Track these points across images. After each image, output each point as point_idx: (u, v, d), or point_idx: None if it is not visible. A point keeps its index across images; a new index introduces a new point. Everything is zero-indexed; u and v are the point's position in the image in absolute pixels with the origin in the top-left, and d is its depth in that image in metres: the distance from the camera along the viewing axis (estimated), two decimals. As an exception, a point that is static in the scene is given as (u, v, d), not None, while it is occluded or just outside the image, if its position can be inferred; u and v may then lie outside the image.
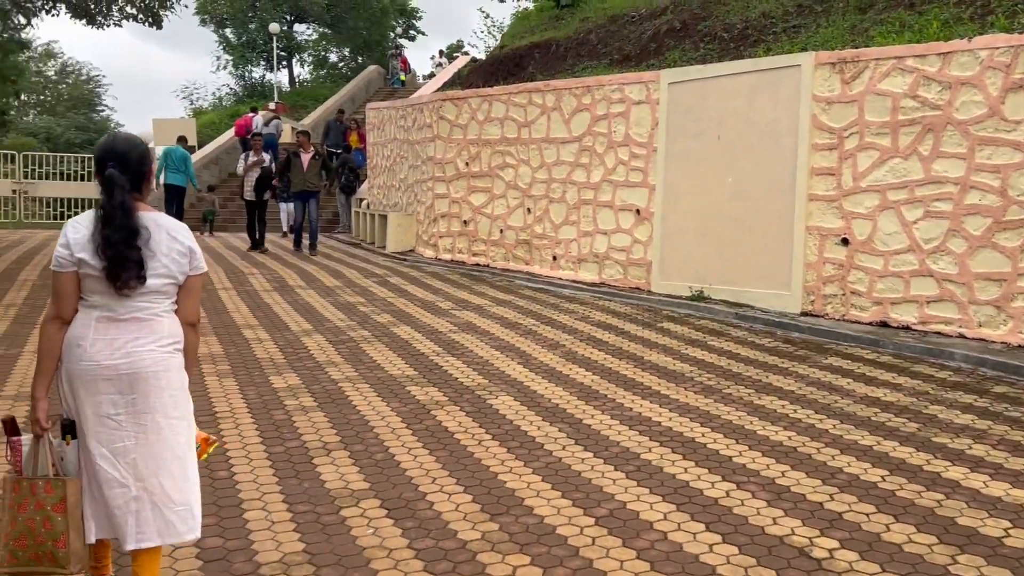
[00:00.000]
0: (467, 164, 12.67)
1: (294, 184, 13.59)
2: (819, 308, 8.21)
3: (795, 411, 5.31)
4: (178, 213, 19.16)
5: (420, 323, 7.96)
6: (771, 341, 7.37)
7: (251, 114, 24.03)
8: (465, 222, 12.70)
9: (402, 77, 33.02)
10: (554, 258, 11.35)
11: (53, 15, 14.63)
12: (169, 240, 2.71)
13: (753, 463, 4.39)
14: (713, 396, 5.64)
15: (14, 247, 13.77)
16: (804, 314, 8.22)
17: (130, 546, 2.72)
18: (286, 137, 25.54)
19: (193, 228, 20.73)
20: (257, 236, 14.14)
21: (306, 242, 13.89)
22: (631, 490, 4.01)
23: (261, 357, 6.49)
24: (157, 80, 77.73)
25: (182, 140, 18.75)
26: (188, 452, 2.82)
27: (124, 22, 13.53)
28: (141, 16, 13.43)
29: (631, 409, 5.33)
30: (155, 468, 2.73)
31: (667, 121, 9.72)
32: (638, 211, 10.05)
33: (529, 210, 11.76)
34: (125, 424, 2.70)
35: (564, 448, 4.58)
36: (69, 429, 2.75)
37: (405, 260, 13.16)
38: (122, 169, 2.65)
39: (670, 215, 9.69)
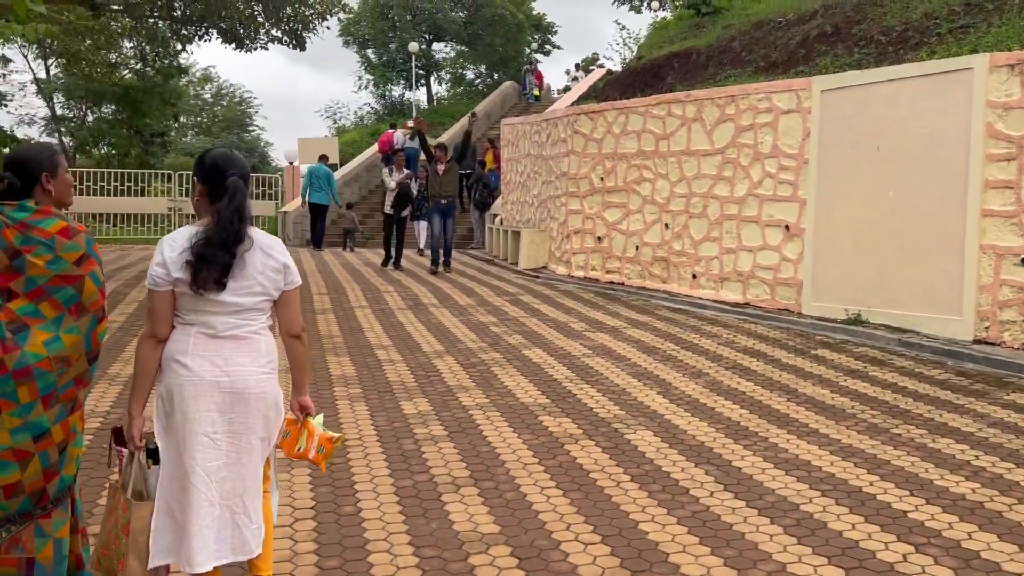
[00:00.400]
0: (602, 179, 12.34)
1: (431, 191, 13.07)
2: (995, 336, 7.37)
3: (977, 457, 4.68)
4: (320, 230, 19.84)
5: (553, 346, 7.68)
6: (941, 372, 6.64)
7: (391, 130, 24.67)
8: (599, 238, 12.36)
9: (536, 93, 33.06)
10: (694, 276, 10.84)
11: (206, 40, 15.37)
12: (263, 257, 2.72)
13: (932, 520, 3.84)
14: (880, 437, 5.06)
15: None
16: (977, 342, 7.40)
17: (206, 567, 2.66)
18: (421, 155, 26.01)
19: (333, 244, 21.40)
20: (393, 253, 13.90)
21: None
22: (791, 549, 3.56)
23: (393, 381, 6.37)
24: (304, 100, 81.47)
25: (323, 159, 19.29)
26: (263, 469, 2.82)
27: (270, 45, 14.00)
28: (286, 39, 13.86)
29: (786, 450, 4.84)
30: (242, 488, 2.73)
31: (820, 131, 9.07)
32: (787, 227, 9.42)
33: (667, 226, 11.30)
34: (220, 442, 2.68)
35: (712, 494, 4.16)
36: (152, 454, 2.74)
37: (538, 277, 12.94)
38: (243, 180, 2.78)
39: (823, 231, 9.01)
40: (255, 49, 14.24)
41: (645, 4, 38.30)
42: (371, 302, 10.05)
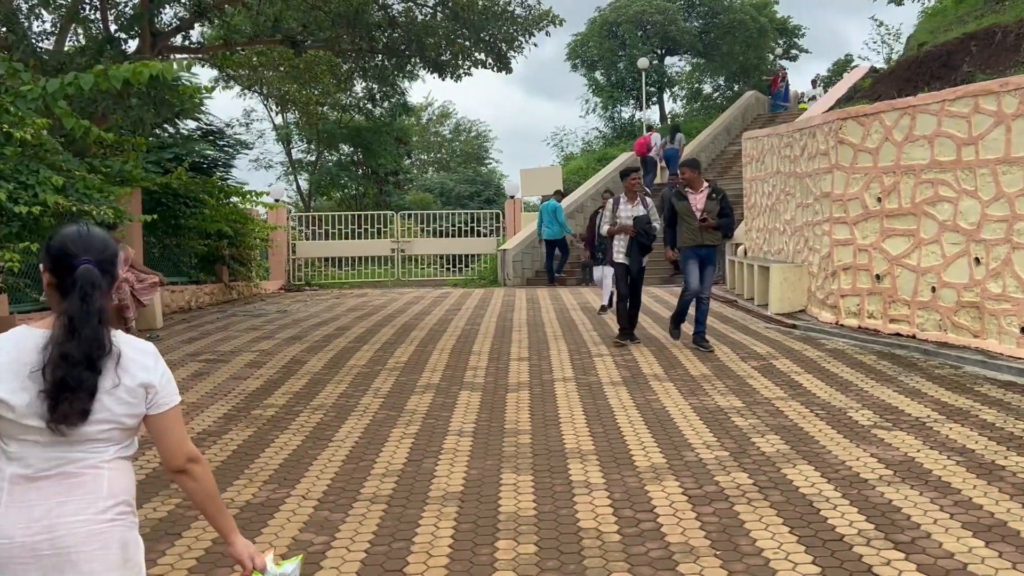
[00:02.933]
0: (879, 200, 9.53)
1: (682, 238, 9.01)
2: None
3: None
4: (551, 265, 18.49)
5: (827, 458, 5.19)
6: None
7: (648, 132, 22.93)
8: (878, 277, 9.52)
9: (802, 105, 29.76)
10: (1022, 330, 7.79)
11: (409, 71, 14.32)
12: (118, 372, 2.06)
13: None
14: None
15: (374, 313, 13.30)
16: None
17: None
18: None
19: (572, 278, 19.63)
20: (628, 320, 9.52)
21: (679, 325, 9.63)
22: None
23: (585, 529, 4.24)
24: (539, 132, 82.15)
25: (558, 194, 18.60)
26: None
27: (474, 69, 12.56)
28: (490, 61, 12.33)
29: None
30: None
31: None
32: None
33: (978, 260, 8.32)
34: None
35: None
36: None
37: (795, 327, 10.28)
38: (100, 269, 2.08)
39: None
40: (459, 76, 12.85)
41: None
42: (578, 370, 8.02)
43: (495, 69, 12.33)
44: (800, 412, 6.28)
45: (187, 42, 12.39)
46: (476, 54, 12.27)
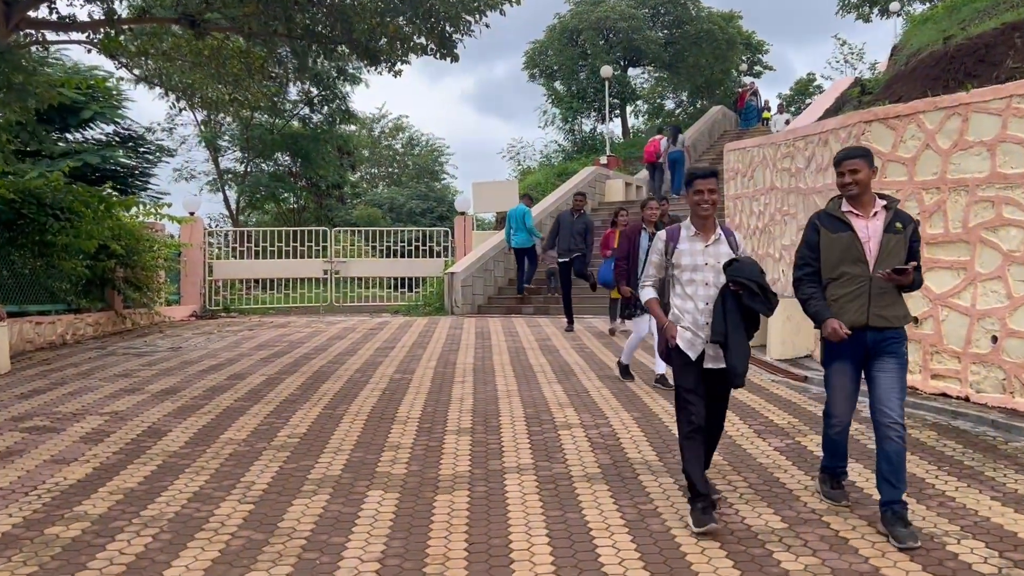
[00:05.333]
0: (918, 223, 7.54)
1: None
2: None
3: None
4: (523, 274, 16.67)
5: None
6: None
7: (658, 136, 21.27)
8: (916, 320, 7.48)
9: (766, 115, 28.17)
10: None
11: (335, 57, 12.05)
12: None
13: None
14: None
15: (286, 353, 10.95)
16: None
17: None
18: (615, 194, 21.77)
19: (535, 287, 17.40)
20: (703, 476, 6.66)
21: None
22: None
23: None
24: (494, 150, 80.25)
25: (527, 198, 17.14)
26: None
27: (413, 57, 10.31)
28: (432, 46, 10.11)
29: None
30: None
31: None
32: None
33: (1064, 305, 6.33)
34: None
35: None
36: None
37: (807, 381, 8.22)
38: None
39: None
40: (395, 66, 10.61)
41: (877, 9, 32.42)
42: (538, 453, 5.79)
43: (438, 55, 10.12)
44: (878, 547, 4.12)
45: (55, 16, 9.98)
46: (415, 38, 10.04)
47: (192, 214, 17.90)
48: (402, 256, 19.45)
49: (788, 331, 9.53)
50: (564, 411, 6.99)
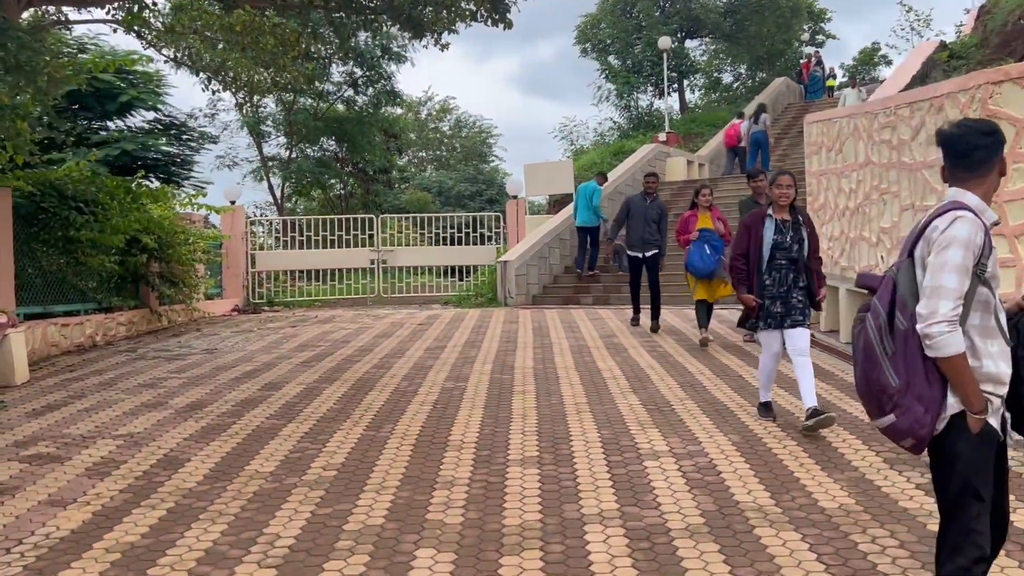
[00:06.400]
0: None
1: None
2: None
3: None
4: (583, 256, 15.79)
5: None
6: None
7: (737, 120, 20.53)
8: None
9: (831, 83, 26.58)
10: None
11: (375, 28, 11.05)
12: None
13: None
14: None
15: (329, 355, 10.06)
16: None
17: None
18: (676, 174, 20.51)
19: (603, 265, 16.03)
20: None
21: None
22: None
23: None
24: (541, 132, 78.82)
25: (600, 176, 16.56)
26: None
27: (461, 26, 9.26)
28: (482, 12, 9.04)
29: None
30: None
31: None
32: None
33: None
34: None
35: None
36: None
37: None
38: None
39: None
40: (441, 36, 9.57)
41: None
42: (622, 493, 4.74)
43: (489, 21, 9.05)
44: None
45: (72, -9, 9.15)
46: (463, 3, 8.98)
47: (233, 203, 17.16)
48: (452, 243, 18.48)
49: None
50: (647, 433, 5.91)
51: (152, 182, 20.47)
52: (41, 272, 10.02)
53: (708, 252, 9.40)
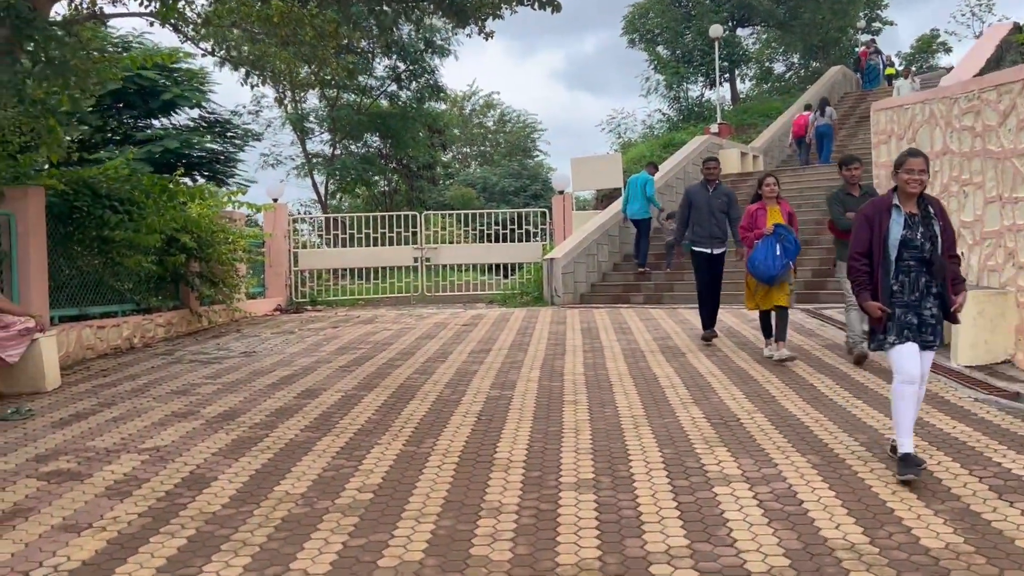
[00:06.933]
0: None
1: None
2: None
3: None
4: (639, 248, 15.43)
5: None
6: None
7: (806, 112, 20.35)
8: None
9: (890, 71, 25.61)
10: None
11: (417, 16, 10.60)
12: None
13: None
14: None
15: (370, 358, 9.65)
16: None
17: None
18: (730, 166, 19.78)
19: (661, 253, 14.06)
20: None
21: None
22: None
23: None
24: (585, 127, 78.08)
25: (652, 166, 16.25)
26: None
27: (507, 12, 8.75)
28: (530, -1, 8.51)
29: None
30: None
31: None
32: None
33: None
34: None
35: None
36: None
37: (1017, 397, 6.33)
38: None
39: None
40: (485, 23, 9.07)
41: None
42: (692, 530, 4.20)
43: (536, 5, 8.51)
44: None
45: (103, -18, 8.85)
46: (512, -11, 8.47)
47: (275, 201, 16.89)
48: (496, 240, 17.98)
49: (981, 331, 7.62)
50: (714, 452, 5.34)
51: (196, 180, 20.37)
52: (77, 273, 9.76)
53: (778, 253, 7.98)
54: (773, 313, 8.37)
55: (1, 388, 7.64)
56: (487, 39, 10.69)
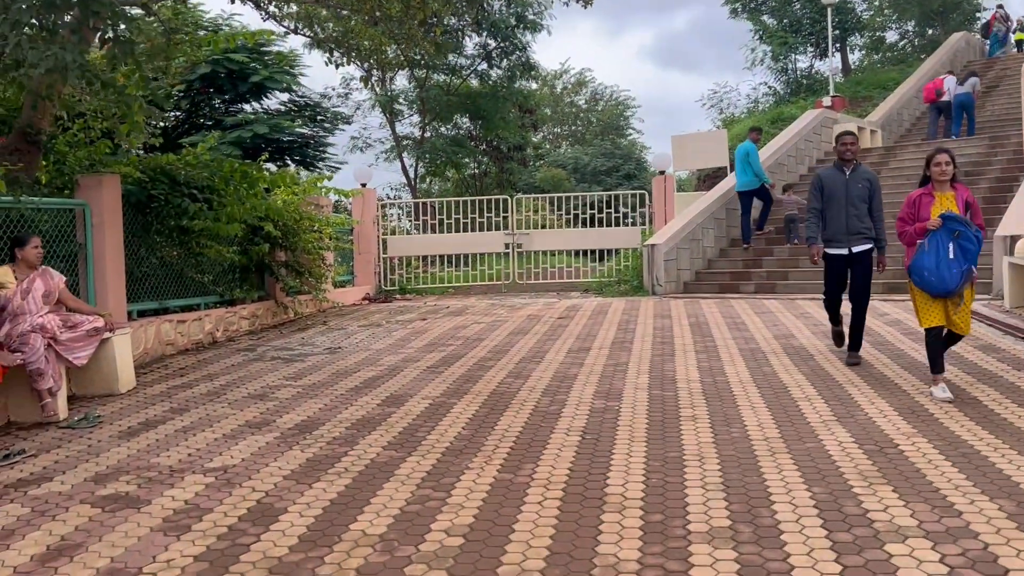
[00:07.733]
0: None
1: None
2: None
3: None
4: (760, 222, 14.96)
5: None
6: None
7: (942, 76, 19.00)
8: None
9: (1019, 36, 23.55)
10: None
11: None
12: None
13: None
14: None
15: (460, 357, 8.94)
16: None
17: None
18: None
19: (773, 238, 11.65)
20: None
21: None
22: None
23: None
24: (677, 105, 75.83)
25: (754, 132, 15.13)
26: None
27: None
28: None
29: None
30: None
31: None
32: None
33: None
34: None
35: None
36: None
37: None
38: None
39: None
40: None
41: None
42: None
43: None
44: None
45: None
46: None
47: (364, 185, 16.38)
48: (590, 224, 17.04)
49: None
50: (876, 492, 4.37)
51: (287, 165, 20.10)
52: (157, 265, 9.35)
53: (952, 256, 6.05)
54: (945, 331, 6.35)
55: (74, 389, 7.23)
56: (585, 7, 9.82)
